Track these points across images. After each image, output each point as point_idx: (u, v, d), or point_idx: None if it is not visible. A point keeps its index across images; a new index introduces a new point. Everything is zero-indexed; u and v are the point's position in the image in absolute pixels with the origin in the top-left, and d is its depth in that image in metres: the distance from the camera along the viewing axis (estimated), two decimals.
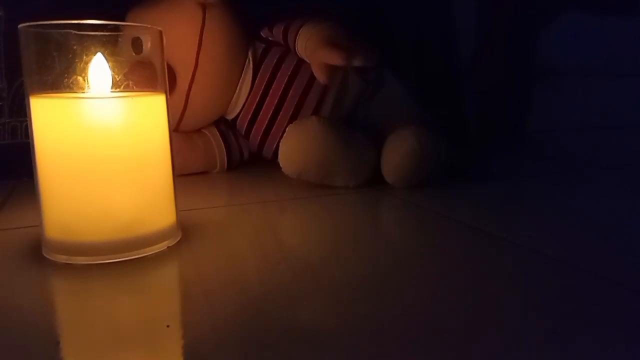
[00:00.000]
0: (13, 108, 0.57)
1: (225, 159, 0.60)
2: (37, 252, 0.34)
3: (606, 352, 0.23)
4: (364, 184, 0.51)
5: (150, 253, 0.34)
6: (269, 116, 0.58)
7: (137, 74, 0.34)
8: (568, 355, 0.23)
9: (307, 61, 0.56)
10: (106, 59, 0.33)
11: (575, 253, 0.34)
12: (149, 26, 0.35)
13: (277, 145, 0.52)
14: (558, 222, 0.43)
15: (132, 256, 0.33)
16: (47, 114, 0.32)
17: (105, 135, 0.32)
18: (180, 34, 0.53)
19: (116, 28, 0.33)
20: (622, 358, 0.23)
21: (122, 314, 0.27)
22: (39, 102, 0.32)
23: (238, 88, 0.59)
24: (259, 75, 0.58)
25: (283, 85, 0.58)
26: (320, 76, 0.53)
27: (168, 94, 0.36)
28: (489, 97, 0.79)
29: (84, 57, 0.32)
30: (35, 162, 0.33)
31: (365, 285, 0.30)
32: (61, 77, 0.32)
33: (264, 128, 0.59)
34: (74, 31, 0.31)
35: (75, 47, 0.32)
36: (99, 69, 0.32)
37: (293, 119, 0.57)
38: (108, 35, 0.33)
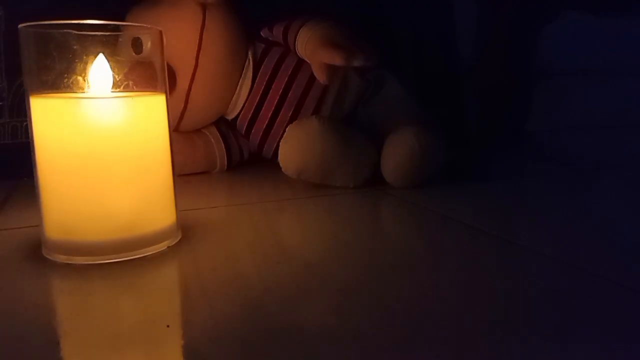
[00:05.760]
0: (13, 108, 0.57)
1: (225, 159, 0.60)
2: (37, 252, 0.34)
3: (606, 352, 0.23)
4: (364, 184, 0.51)
5: (150, 253, 0.34)
6: (269, 116, 0.58)
7: (137, 74, 0.34)
8: (568, 355, 0.23)
9: (307, 61, 0.56)
10: (106, 59, 0.33)
11: (575, 253, 0.34)
12: (149, 26, 0.35)
13: (277, 145, 0.52)
14: (558, 222, 0.43)
15: (132, 256, 0.33)
16: (47, 114, 0.32)
17: (105, 135, 0.32)
18: (180, 34, 0.53)
19: (116, 28, 0.33)
20: (622, 358, 0.23)
21: (122, 314, 0.27)
22: (39, 102, 0.32)
23: (238, 88, 0.59)
24: (259, 75, 0.58)
25: (283, 85, 0.58)
26: (320, 76, 0.53)
27: (168, 94, 0.36)
28: (489, 97, 0.79)
29: (84, 57, 0.32)
30: (35, 162, 0.33)
31: (365, 285, 0.30)
32: (61, 77, 0.32)
33: (264, 128, 0.59)
34: (74, 31, 0.31)
35: (75, 47, 0.32)
36: (99, 69, 0.32)
37: (293, 119, 0.57)
38: (108, 35, 0.33)
